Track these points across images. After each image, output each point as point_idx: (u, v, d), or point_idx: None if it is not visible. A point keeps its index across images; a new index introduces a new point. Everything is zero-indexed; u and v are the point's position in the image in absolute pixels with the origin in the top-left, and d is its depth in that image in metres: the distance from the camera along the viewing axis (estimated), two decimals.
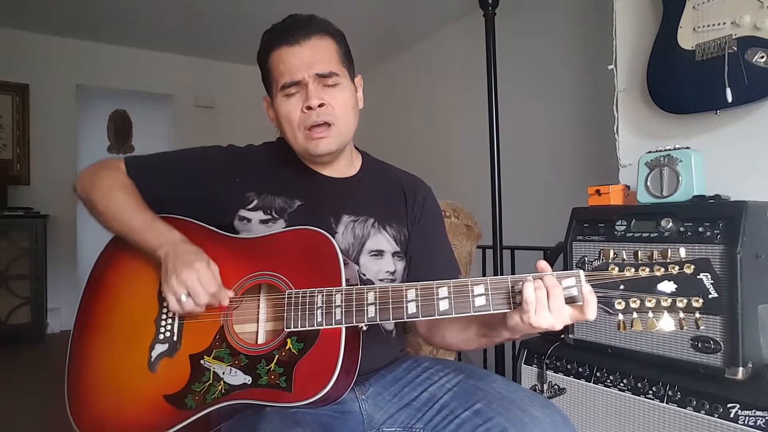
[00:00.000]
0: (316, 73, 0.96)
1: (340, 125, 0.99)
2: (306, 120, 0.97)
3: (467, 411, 0.88)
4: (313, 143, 0.98)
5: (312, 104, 0.96)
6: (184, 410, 0.88)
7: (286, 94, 0.98)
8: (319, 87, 0.97)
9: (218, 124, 4.81)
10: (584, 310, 0.75)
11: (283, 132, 1.02)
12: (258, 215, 1.02)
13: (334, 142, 1.00)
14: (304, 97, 0.97)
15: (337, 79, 0.98)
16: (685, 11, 1.50)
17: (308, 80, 0.96)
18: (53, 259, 4.04)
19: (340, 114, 0.99)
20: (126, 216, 0.98)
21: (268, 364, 0.86)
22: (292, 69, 0.96)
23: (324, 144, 0.99)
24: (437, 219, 1.16)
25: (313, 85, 0.96)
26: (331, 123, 0.98)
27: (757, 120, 1.43)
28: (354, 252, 1.03)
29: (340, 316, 0.84)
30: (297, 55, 0.96)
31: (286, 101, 0.98)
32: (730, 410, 1.09)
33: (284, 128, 1.01)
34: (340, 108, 0.99)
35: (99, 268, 1.05)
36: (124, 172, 1.05)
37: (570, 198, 1.69)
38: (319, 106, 0.96)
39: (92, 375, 0.97)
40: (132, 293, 1.00)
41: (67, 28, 4.10)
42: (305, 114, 0.97)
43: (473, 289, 0.80)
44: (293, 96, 0.98)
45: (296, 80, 0.96)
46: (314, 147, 0.99)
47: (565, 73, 2.96)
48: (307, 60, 0.96)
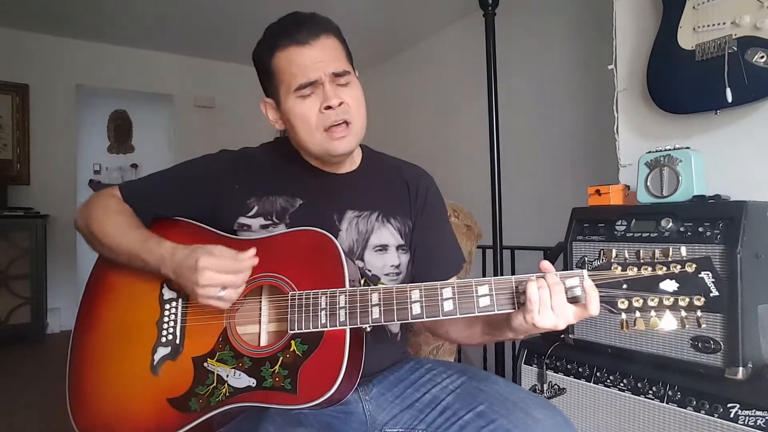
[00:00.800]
0: (332, 72, 0.95)
1: (356, 123, 0.98)
2: (325, 120, 0.95)
3: (470, 413, 0.88)
4: (334, 144, 0.97)
5: (332, 104, 0.94)
6: (188, 413, 0.88)
7: (301, 95, 0.96)
8: (334, 86, 0.96)
9: (218, 124, 4.81)
10: (587, 305, 0.75)
11: (295, 133, 0.99)
12: (258, 221, 1.00)
13: (353, 140, 0.99)
14: (321, 98, 0.95)
15: (349, 77, 0.98)
16: (685, 11, 1.50)
17: (324, 80, 0.94)
18: (53, 259, 4.04)
19: (356, 111, 0.98)
20: (119, 242, 0.96)
21: (272, 367, 0.86)
22: (306, 69, 0.94)
23: (345, 144, 0.97)
24: (440, 208, 1.15)
25: (329, 84, 0.95)
26: (349, 121, 0.97)
27: (757, 120, 1.44)
28: (358, 248, 1.03)
29: (345, 317, 0.84)
30: (309, 56, 0.94)
31: (301, 102, 0.96)
32: (730, 410, 1.09)
33: (299, 129, 0.98)
34: (355, 105, 0.98)
35: (98, 270, 1.04)
36: (120, 199, 1.03)
37: (570, 198, 1.70)
38: (338, 105, 0.95)
39: (94, 378, 0.97)
40: (132, 295, 0.99)
41: (67, 28, 4.09)
42: (324, 114, 0.95)
43: (477, 290, 0.80)
44: (308, 97, 0.96)
45: (312, 80, 0.94)
46: (335, 148, 0.97)
47: (565, 73, 2.96)
48: (320, 59, 0.94)
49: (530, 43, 3.13)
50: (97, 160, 5.74)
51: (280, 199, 1.02)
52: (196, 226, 1.01)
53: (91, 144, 5.56)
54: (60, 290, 4.11)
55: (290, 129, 1.01)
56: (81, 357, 0.99)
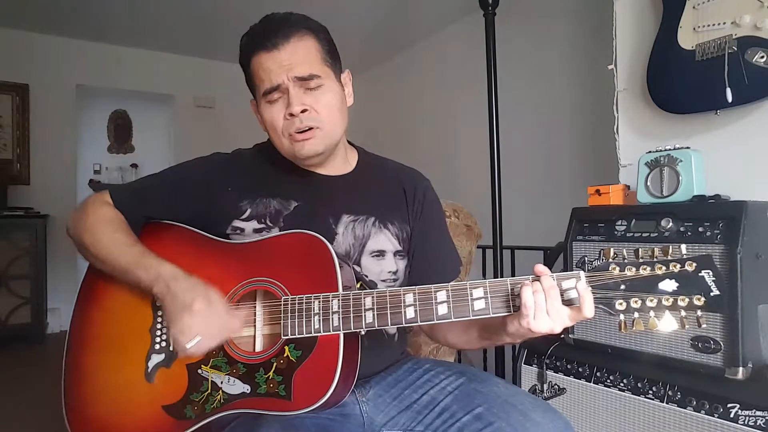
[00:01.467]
0: (295, 76, 0.92)
1: (325, 128, 0.96)
2: (290, 127, 0.94)
3: (468, 415, 0.87)
4: (298, 146, 0.95)
5: (294, 111, 0.92)
6: (183, 420, 0.88)
7: (268, 101, 0.95)
8: (300, 91, 0.93)
9: (218, 124, 4.80)
10: (581, 307, 0.74)
11: (269, 137, 1.00)
12: (252, 225, 0.99)
13: (320, 142, 0.96)
14: (286, 103, 0.94)
15: (318, 81, 0.95)
16: (685, 11, 1.50)
17: (288, 84, 0.93)
18: (53, 259, 4.03)
19: (325, 117, 0.95)
20: (114, 255, 0.94)
21: (266, 373, 0.85)
22: (270, 74, 0.93)
23: (309, 145, 0.95)
24: (438, 213, 1.14)
25: (294, 89, 0.93)
26: (315, 127, 0.95)
27: (757, 120, 1.43)
28: (355, 253, 1.01)
29: (338, 322, 0.83)
30: (275, 60, 0.93)
31: (270, 108, 0.95)
32: (730, 410, 1.09)
33: (270, 134, 0.99)
34: (324, 111, 0.95)
35: (89, 278, 1.03)
36: (111, 204, 1.02)
37: (570, 198, 1.69)
38: (301, 112, 0.93)
39: (89, 385, 0.96)
40: (125, 302, 0.98)
41: (67, 28, 4.09)
42: (288, 121, 0.94)
43: (472, 293, 0.79)
44: (276, 102, 0.95)
45: (275, 85, 0.93)
46: (299, 149, 0.96)
47: (565, 73, 2.95)
48: (285, 63, 0.92)
49: (530, 43, 3.13)
50: (97, 160, 5.74)
51: (274, 201, 1.01)
52: (189, 230, 1.00)
53: (91, 144, 5.56)
54: (60, 290, 4.11)
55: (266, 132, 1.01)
56: (75, 364, 0.98)
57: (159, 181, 1.06)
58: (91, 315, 1.00)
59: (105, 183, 5.48)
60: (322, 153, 0.99)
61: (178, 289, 0.87)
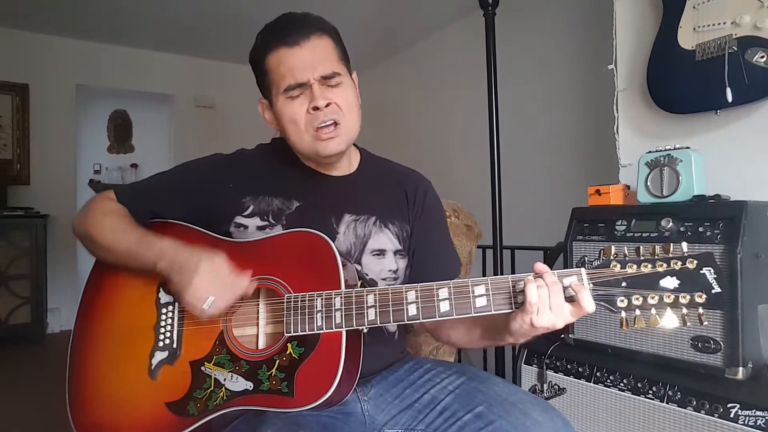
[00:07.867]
0: (321, 75, 0.95)
1: (346, 123, 0.98)
2: (313, 121, 0.95)
3: (469, 414, 0.88)
4: (323, 144, 0.97)
5: (319, 104, 0.94)
6: (186, 417, 0.88)
7: (289, 96, 0.96)
8: (323, 87, 0.95)
9: (218, 124, 4.81)
10: (580, 302, 0.74)
11: (286, 134, 1.00)
12: (254, 221, 1.00)
13: (342, 141, 0.98)
14: (309, 98, 0.95)
15: (339, 78, 0.97)
16: (685, 11, 1.50)
17: (313, 82, 0.94)
18: (53, 259, 4.04)
19: (346, 112, 0.98)
20: (119, 241, 0.96)
21: (269, 370, 0.86)
22: (294, 71, 0.94)
23: (333, 144, 0.97)
24: (438, 214, 1.15)
25: (318, 86, 0.95)
26: (338, 122, 0.97)
27: (757, 120, 1.43)
28: (356, 252, 1.02)
29: (340, 319, 0.84)
30: (298, 57, 0.94)
31: (290, 103, 0.96)
32: (730, 410, 1.09)
33: (288, 130, 0.99)
34: (345, 106, 0.97)
35: (95, 275, 1.04)
36: (115, 200, 1.04)
37: (570, 198, 1.69)
38: (326, 106, 0.95)
39: (93, 382, 0.97)
40: (129, 300, 0.99)
41: (67, 28, 4.09)
42: (312, 115, 0.95)
43: (474, 290, 0.79)
44: (297, 98, 0.96)
45: (300, 82, 0.94)
46: (323, 148, 0.97)
47: (565, 73, 2.96)
48: (309, 61, 0.94)
49: (530, 43, 3.13)
50: (97, 160, 5.74)
51: (276, 200, 1.02)
52: (192, 229, 1.01)
53: (91, 144, 5.56)
54: (60, 290, 4.11)
55: (282, 130, 1.02)
56: (80, 361, 0.99)
57: (161, 180, 1.07)
58: (95, 313, 1.01)
59: (105, 183, 5.48)
60: (343, 152, 1.01)
61: (182, 257, 0.89)
